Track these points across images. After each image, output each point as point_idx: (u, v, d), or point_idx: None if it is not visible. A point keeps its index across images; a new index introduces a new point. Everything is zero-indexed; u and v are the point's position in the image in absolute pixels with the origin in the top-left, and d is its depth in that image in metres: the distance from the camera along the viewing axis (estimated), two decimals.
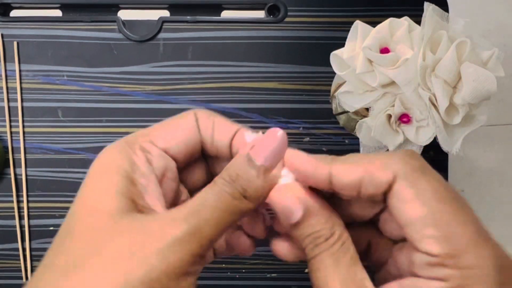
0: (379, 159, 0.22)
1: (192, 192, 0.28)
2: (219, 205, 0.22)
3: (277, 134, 0.22)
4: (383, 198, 0.22)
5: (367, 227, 0.25)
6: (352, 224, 0.24)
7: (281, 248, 0.25)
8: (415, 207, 0.21)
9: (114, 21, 0.55)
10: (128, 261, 0.20)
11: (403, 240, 0.23)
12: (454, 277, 0.19)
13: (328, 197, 0.24)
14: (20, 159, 0.54)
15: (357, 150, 0.50)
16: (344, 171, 0.22)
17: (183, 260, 0.20)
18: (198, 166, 0.28)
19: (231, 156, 0.25)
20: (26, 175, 0.55)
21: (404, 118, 0.43)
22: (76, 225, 0.22)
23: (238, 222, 0.23)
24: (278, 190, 0.23)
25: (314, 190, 0.24)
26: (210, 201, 0.22)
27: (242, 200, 0.22)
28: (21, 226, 0.54)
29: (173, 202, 0.26)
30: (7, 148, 0.55)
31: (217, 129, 0.25)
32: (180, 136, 0.25)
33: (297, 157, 0.23)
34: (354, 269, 0.21)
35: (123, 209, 0.22)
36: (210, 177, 0.28)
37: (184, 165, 0.27)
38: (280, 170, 0.24)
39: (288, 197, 0.23)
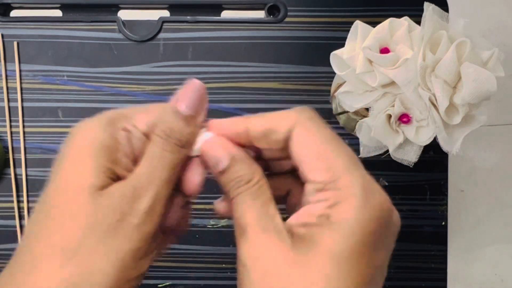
0: (281, 113, 0.27)
1: None
2: (166, 167, 0.26)
3: (196, 83, 0.27)
4: (285, 145, 0.27)
5: (288, 176, 0.29)
6: (276, 174, 0.29)
7: (221, 206, 0.29)
8: (308, 146, 0.25)
9: (114, 21, 0.55)
10: (117, 238, 0.24)
11: None
12: (332, 196, 0.24)
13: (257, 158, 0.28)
14: (20, 159, 0.54)
15: (357, 150, 0.50)
16: (255, 123, 0.27)
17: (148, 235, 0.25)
18: None
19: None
20: (26, 175, 0.55)
21: (404, 118, 0.43)
22: (61, 204, 0.24)
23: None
24: (208, 144, 0.27)
25: (240, 147, 0.28)
26: (158, 172, 0.25)
27: (180, 150, 0.26)
28: (21, 226, 0.54)
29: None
30: (7, 148, 0.55)
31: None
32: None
33: (220, 120, 0.27)
34: (267, 206, 0.25)
35: (102, 186, 0.25)
36: None
37: None
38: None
39: (217, 148, 0.26)
